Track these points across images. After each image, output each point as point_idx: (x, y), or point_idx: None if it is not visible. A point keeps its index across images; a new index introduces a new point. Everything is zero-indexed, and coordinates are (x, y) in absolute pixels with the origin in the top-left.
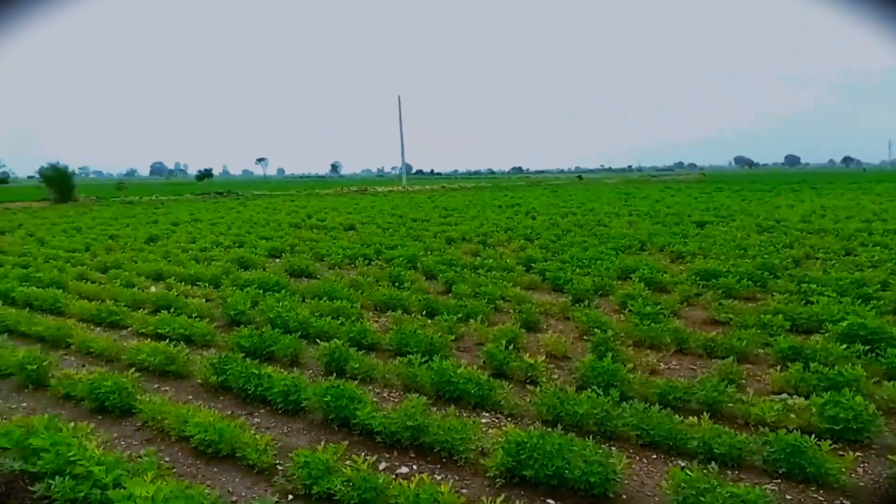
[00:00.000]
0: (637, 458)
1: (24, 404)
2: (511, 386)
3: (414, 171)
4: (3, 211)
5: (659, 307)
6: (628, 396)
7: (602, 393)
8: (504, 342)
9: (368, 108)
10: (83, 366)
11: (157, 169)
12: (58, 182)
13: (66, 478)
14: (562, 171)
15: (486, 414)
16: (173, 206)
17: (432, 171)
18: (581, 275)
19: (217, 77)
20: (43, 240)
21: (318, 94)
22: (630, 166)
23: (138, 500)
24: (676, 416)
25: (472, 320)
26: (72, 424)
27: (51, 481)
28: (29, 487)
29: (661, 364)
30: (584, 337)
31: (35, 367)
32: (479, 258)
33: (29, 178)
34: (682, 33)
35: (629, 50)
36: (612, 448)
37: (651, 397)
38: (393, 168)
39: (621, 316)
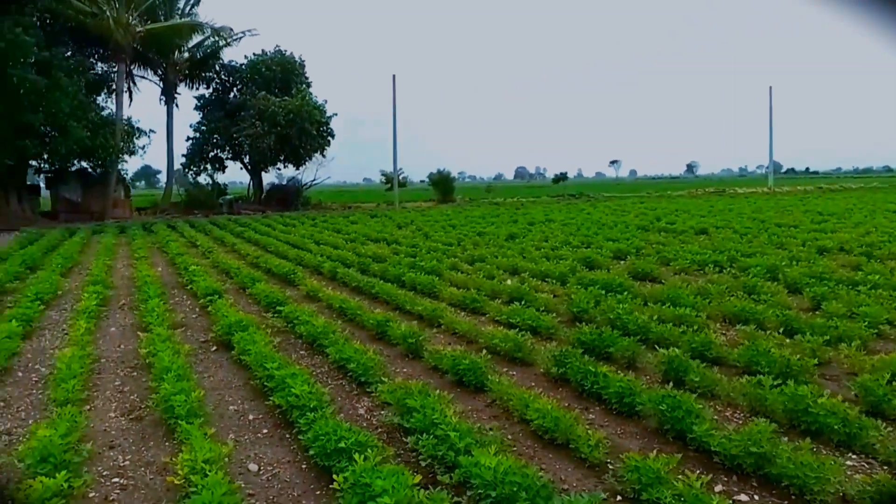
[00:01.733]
0: None
1: (403, 369)
2: (889, 429)
3: (784, 169)
4: (401, 210)
5: None
6: None
7: None
8: (888, 375)
9: (730, 102)
10: (449, 344)
11: (519, 173)
12: (442, 185)
13: (431, 436)
14: None
15: (853, 456)
16: (531, 207)
17: (807, 169)
18: None
19: (572, 82)
20: (427, 234)
21: (673, 91)
22: None
23: (482, 469)
24: None
25: (843, 345)
26: (437, 392)
27: (419, 437)
28: (404, 438)
29: None
30: None
31: (413, 340)
32: (860, 273)
33: (420, 181)
34: None
35: None
36: None
37: None
38: (758, 167)
39: None
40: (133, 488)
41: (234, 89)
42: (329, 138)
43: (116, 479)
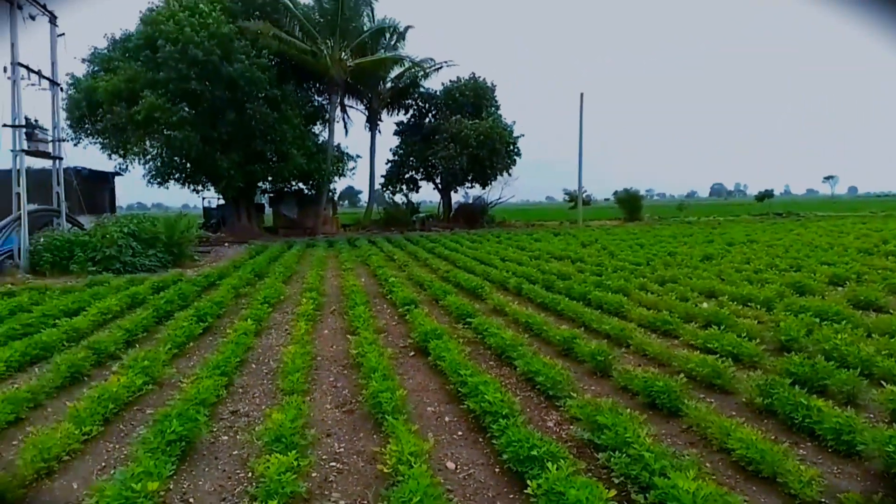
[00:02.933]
0: None
1: (591, 387)
2: None
3: None
4: (585, 228)
5: None
6: None
7: None
8: None
9: None
10: (638, 365)
11: (716, 190)
12: (629, 203)
13: (624, 455)
14: None
15: None
16: (729, 226)
17: None
18: None
19: (774, 93)
20: (613, 253)
21: None
22: None
23: (681, 492)
24: None
25: None
26: (628, 412)
27: (611, 454)
28: (594, 454)
29: None
30: None
31: (602, 358)
32: None
33: (605, 199)
34: None
35: None
36: None
37: None
38: None
39: None
40: (347, 473)
41: (430, 115)
42: (516, 157)
43: (333, 464)
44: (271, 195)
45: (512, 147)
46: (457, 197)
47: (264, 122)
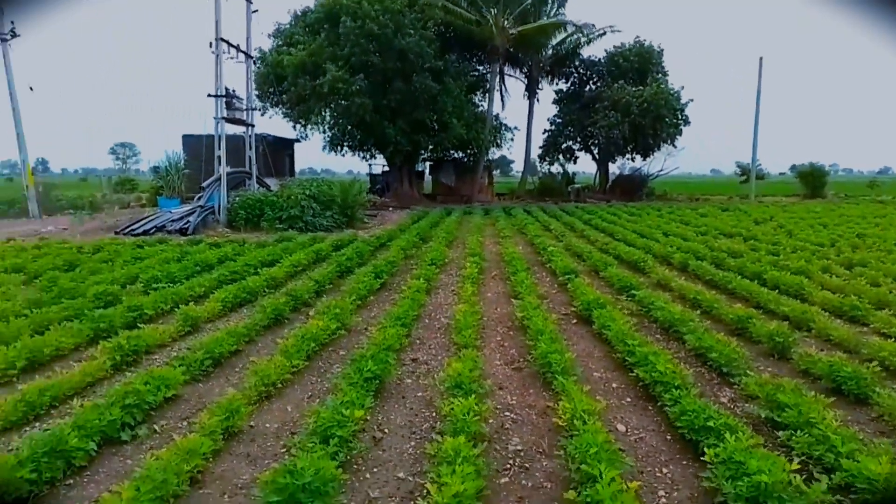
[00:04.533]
0: None
1: (768, 368)
2: None
3: None
4: (758, 204)
5: None
6: None
7: None
8: None
9: None
10: (821, 350)
11: None
12: (811, 178)
13: (806, 434)
14: None
15: None
16: None
17: None
18: None
19: None
20: (791, 232)
21: None
22: None
23: (872, 475)
24: None
25: None
26: (812, 394)
27: (793, 433)
28: (774, 431)
29: None
30: None
31: (781, 340)
32: None
33: (780, 174)
34: None
35: None
36: None
37: None
38: None
39: None
40: (521, 423)
41: (591, 82)
42: (682, 126)
43: (507, 414)
44: (431, 163)
45: (678, 115)
46: (613, 168)
47: (428, 93)
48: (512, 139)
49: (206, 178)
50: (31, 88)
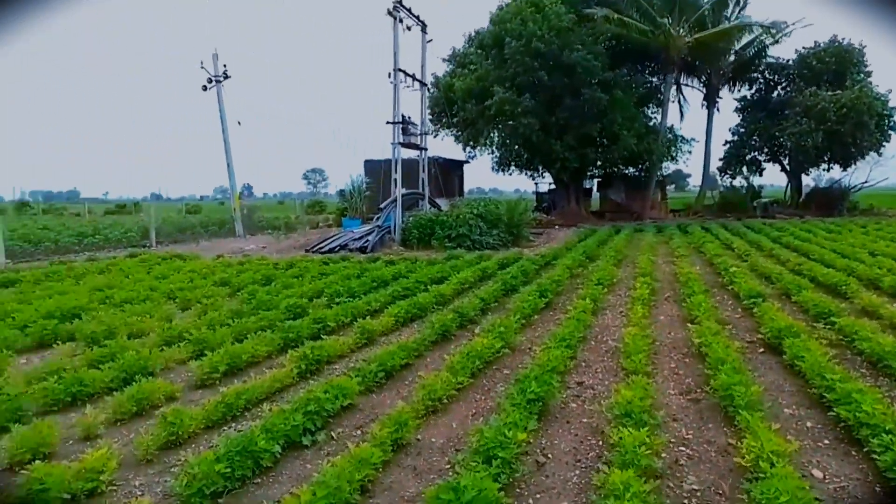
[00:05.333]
0: None
1: None
2: None
3: None
4: None
5: None
6: None
7: None
8: None
9: None
10: None
11: None
12: None
13: None
14: None
15: None
16: None
17: None
18: None
19: None
20: None
21: None
22: None
23: None
24: None
25: None
26: None
27: None
28: None
29: None
30: None
31: None
32: None
33: None
34: None
35: None
36: None
37: None
38: None
39: None
40: (698, 460)
41: (778, 87)
42: (890, 132)
43: (682, 449)
44: (599, 179)
45: (885, 121)
46: (807, 180)
47: (597, 106)
48: (689, 152)
49: (384, 200)
50: (239, 123)
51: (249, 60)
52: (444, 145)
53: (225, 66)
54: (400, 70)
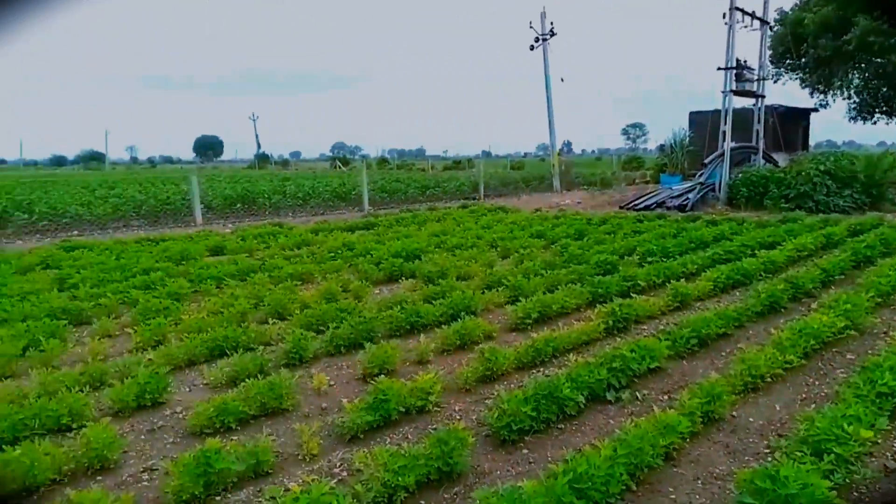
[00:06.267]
0: None
1: None
2: None
3: None
4: None
5: None
6: None
7: None
8: None
9: None
10: None
11: None
12: None
13: None
14: None
15: None
16: None
17: None
18: None
19: None
20: None
21: None
22: None
23: None
24: None
25: None
26: None
27: None
28: None
29: None
30: None
31: None
32: None
33: None
34: None
35: None
36: None
37: None
38: None
39: None
40: None
41: None
42: None
43: None
44: None
45: None
46: None
47: None
48: None
49: (709, 155)
50: (562, 80)
51: (576, 12)
52: (785, 91)
53: (552, 23)
54: (737, 9)
